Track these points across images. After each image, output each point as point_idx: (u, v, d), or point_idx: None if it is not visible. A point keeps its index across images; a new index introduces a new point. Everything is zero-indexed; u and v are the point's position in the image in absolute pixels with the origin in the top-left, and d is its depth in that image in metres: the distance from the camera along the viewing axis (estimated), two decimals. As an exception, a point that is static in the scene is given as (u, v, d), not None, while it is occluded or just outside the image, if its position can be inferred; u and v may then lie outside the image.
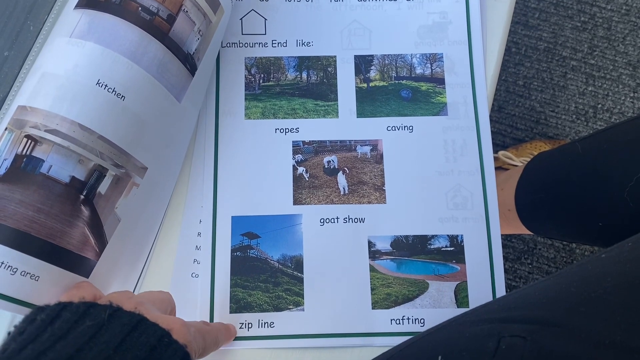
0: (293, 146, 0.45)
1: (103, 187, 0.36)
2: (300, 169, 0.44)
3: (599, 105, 1.04)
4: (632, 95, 1.05)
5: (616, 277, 0.27)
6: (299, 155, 0.45)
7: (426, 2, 0.48)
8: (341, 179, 0.44)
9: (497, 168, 0.87)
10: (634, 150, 0.46)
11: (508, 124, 1.03)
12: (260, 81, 0.46)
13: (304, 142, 0.45)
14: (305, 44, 0.47)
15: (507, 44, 1.01)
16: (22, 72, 0.38)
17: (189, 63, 0.40)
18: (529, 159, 0.67)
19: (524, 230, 0.67)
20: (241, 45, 0.47)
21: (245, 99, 0.46)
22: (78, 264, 0.35)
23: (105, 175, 0.36)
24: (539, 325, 0.27)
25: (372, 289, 0.42)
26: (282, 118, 0.45)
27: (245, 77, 0.46)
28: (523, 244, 0.96)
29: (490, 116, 0.46)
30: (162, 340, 0.26)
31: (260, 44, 0.47)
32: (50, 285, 0.34)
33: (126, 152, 0.37)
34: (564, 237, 0.60)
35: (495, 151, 0.89)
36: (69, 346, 0.24)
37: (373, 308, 0.41)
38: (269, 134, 0.45)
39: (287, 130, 0.45)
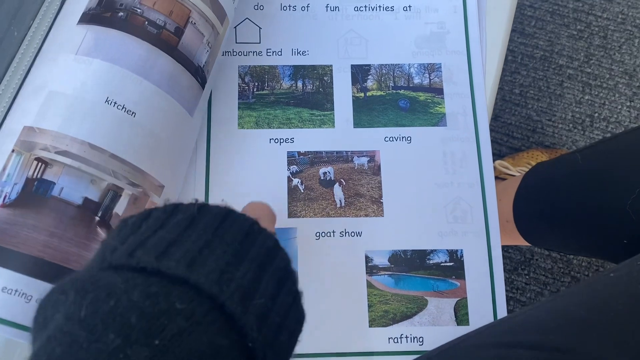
0: (288, 157, 0.43)
1: (120, 208, 0.35)
2: (295, 181, 0.43)
3: (596, 114, 1.04)
4: (628, 104, 1.04)
5: (627, 299, 0.26)
6: (294, 166, 0.43)
7: (423, 12, 0.47)
8: (337, 191, 0.43)
9: (494, 177, 0.86)
10: (636, 162, 0.46)
11: (504, 132, 1.02)
12: (254, 90, 0.45)
13: (299, 152, 0.44)
14: (301, 52, 0.46)
15: (503, 53, 1.01)
16: (5, 79, 0.37)
17: (200, 76, 0.39)
18: (525, 169, 0.66)
19: (522, 242, 0.66)
20: (235, 53, 0.46)
21: (239, 108, 0.44)
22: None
23: (120, 195, 0.35)
24: (548, 351, 0.26)
25: (369, 306, 0.40)
26: (276, 128, 0.44)
27: (238, 85, 0.45)
28: (520, 254, 0.95)
29: (489, 127, 0.45)
30: (253, 227, 0.26)
31: (255, 53, 0.46)
32: None
33: (141, 170, 0.35)
34: (564, 249, 0.59)
35: (492, 160, 0.88)
36: (169, 233, 0.24)
37: (370, 326, 0.40)
38: (263, 144, 0.44)
39: (281, 141, 0.44)
